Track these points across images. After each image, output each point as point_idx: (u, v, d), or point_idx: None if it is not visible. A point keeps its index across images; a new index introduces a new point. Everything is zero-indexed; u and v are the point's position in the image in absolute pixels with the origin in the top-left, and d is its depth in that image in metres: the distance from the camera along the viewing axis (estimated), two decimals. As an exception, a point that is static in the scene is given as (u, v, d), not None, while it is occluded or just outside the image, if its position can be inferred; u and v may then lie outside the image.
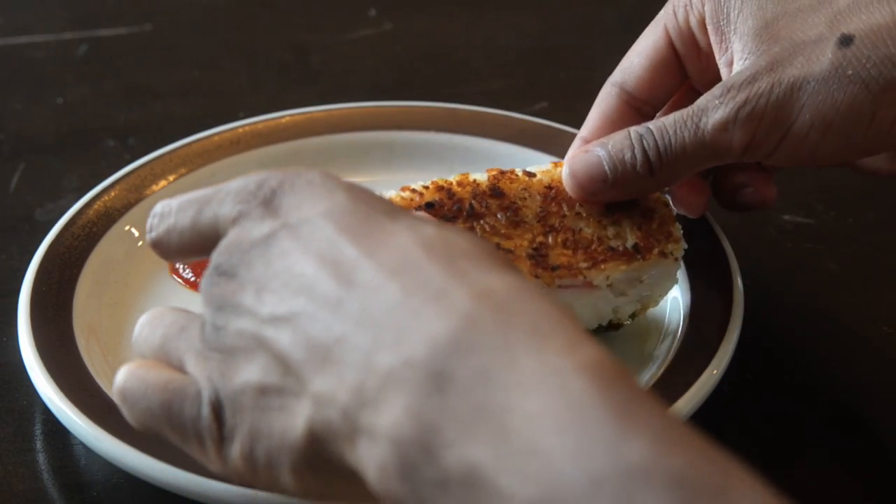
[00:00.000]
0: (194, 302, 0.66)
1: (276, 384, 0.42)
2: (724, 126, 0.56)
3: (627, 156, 0.58)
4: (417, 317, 0.39)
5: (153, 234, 0.50)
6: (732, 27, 0.58)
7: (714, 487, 0.33)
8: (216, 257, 0.46)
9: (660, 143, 0.58)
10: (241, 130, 0.76)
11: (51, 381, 0.56)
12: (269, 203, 0.45)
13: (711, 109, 0.56)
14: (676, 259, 0.61)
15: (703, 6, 0.59)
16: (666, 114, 0.61)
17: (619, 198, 0.61)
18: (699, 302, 0.63)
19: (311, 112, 0.78)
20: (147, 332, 0.48)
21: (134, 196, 0.70)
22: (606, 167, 0.59)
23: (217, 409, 0.44)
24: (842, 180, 0.79)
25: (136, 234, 0.69)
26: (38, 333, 0.59)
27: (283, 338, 0.42)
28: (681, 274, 0.65)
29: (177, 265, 0.68)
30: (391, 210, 0.44)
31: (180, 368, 0.46)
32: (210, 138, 0.75)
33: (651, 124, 0.58)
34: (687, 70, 0.62)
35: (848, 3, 0.55)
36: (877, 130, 0.55)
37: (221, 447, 0.44)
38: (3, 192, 0.79)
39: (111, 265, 0.66)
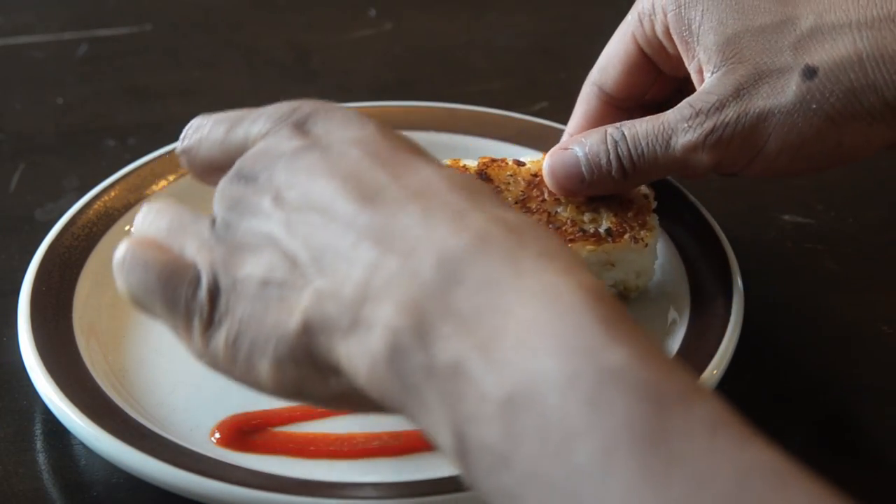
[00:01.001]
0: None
1: (279, 279, 0.43)
2: (693, 148, 0.58)
3: (603, 161, 0.60)
4: (434, 230, 0.41)
5: (184, 143, 0.52)
6: (695, 38, 0.59)
7: (678, 395, 0.36)
8: (239, 162, 0.47)
9: (633, 152, 0.59)
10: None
11: (51, 381, 0.56)
12: (301, 125, 0.47)
13: (681, 131, 0.58)
14: (647, 245, 0.62)
15: (665, 17, 0.60)
16: (652, 99, 0.64)
17: (597, 194, 0.63)
18: (699, 302, 0.63)
19: (311, 112, 0.78)
20: (152, 219, 0.49)
21: (134, 196, 0.70)
22: (583, 169, 0.61)
23: (213, 293, 0.45)
24: (842, 180, 0.79)
25: (136, 234, 0.69)
26: (38, 333, 0.59)
27: (295, 240, 0.43)
28: (681, 273, 0.65)
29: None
30: (417, 148, 0.46)
31: (181, 257, 0.47)
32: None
33: (626, 129, 0.60)
34: (661, 68, 0.64)
35: (811, 28, 0.56)
36: (844, 154, 0.57)
37: (208, 330, 0.45)
38: (3, 192, 0.79)
39: (111, 265, 0.66)
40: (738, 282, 0.63)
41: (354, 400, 0.44)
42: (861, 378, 0.64)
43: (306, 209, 0.44)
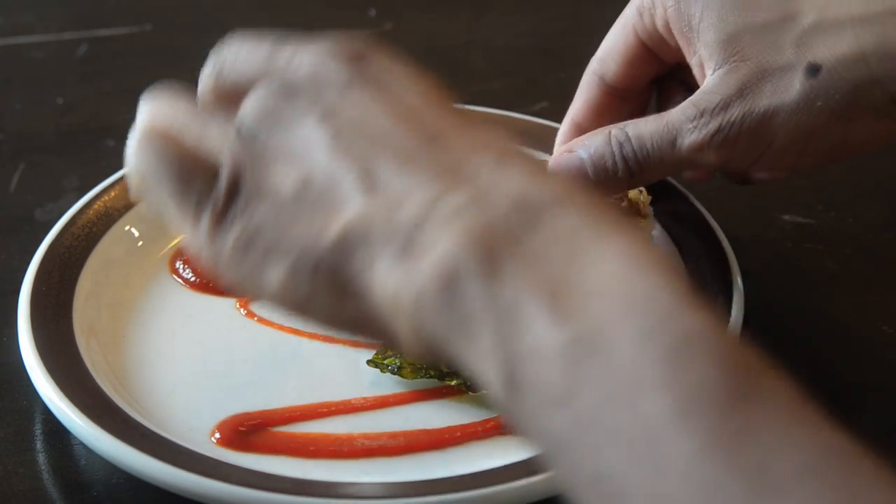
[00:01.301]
0: (195, 302, 0.67)
1: (315, 192, 0.40)
2: (699, 148, 0.58)
3: (609, 163, 0.60)
4: (511, 178, 0.38)
5: (219, 56, 0.48)
6: (696, 34, 0.59)
7: (754, 369, 0.35)
8: (281, 77, 0.43)
9: (639, 154, 0.59)
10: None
11: (51, 381, 0.56)
12: (356, 60, 0.43)
13: (686, 132, 0.58)
14: (640, 226, 0.62)
15: (665, 12, 0.60)
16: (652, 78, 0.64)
17: (603, 195, 0.62)
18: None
19: (311, 112, 0.78)
20: (170, 107, 0.46)
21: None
22: (589, 171, 0.61)
23: (232, 190, 0.42)
24: (842, 180, 0.79)
25: (136, 234, 0.69)
26: (38, 333, 0.59)
27: (340, 157, 0.40)
28: (680, 273, 0.65)
29: (176, 265, 0.68)
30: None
31: (201, 148, 0.44)
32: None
33: (630, 130, 0.60)
34: (663, 59, 0.63)
35: (813, 24, 0.56)
36: (850, 149, 0.58)
37: (218, 226, 0.42)
38: (3, 192, 0.79)
39: (111, 265, 0.66)
40: (738, 282, 0.63)
41: (360, 326, 0.41)
42: (861, 378, 0.64)
43: (355, 133, 0.40)
